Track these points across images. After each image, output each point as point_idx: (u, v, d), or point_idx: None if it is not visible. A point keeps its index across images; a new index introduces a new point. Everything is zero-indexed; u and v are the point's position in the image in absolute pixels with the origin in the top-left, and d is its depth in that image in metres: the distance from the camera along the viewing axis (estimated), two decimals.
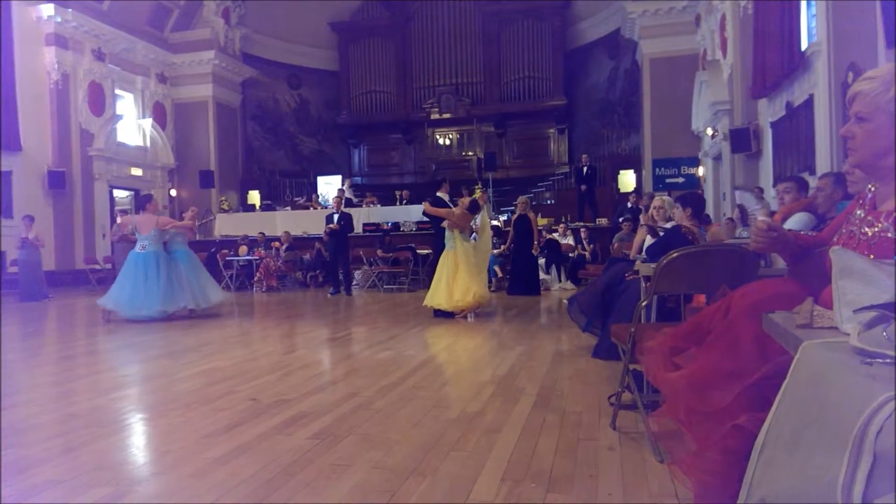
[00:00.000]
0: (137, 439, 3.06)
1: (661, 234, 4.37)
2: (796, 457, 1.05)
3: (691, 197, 4.27)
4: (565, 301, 6.96)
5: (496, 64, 21.51)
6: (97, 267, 15.08)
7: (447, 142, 22.25)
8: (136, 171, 17.67)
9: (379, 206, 16.04)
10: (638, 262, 3.56)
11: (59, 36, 15.04)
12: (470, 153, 21.70)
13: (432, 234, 8.47)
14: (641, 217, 7.29)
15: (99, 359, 5.43)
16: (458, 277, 7.29)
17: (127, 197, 17.74)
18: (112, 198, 16.64)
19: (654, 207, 4.90)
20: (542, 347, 5.21)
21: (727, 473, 1.52)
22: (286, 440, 2.83)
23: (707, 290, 2.86)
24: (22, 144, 14.06)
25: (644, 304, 2.86)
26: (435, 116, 21.81)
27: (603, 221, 14.32)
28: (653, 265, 2.77)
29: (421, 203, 15.37)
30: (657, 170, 15.99)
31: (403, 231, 13.63)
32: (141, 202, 8.27)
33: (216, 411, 3.36)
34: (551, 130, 21.60)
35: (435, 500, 2.15)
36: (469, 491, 2.22)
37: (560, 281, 11.42)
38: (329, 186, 19.09)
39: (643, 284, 3.21)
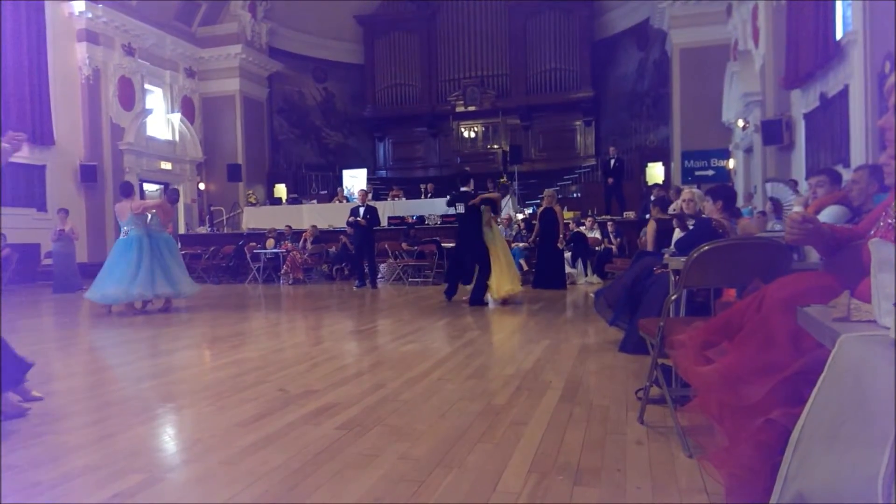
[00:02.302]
0: (170, 427, 3.12)
1: (691, 227, 4.31)
2: (834, 451, 1.03)
3: (722, 189, 4.20)
4: (592, 295, 6.92)
5: (522, 56, 21.38)
6: None
7: (472, 135, 22.21)
8: (166, 165, 17.96)
9: (404, 199, 16.08)
10: (667, 256, 3.52)
11: (91, 32, 15.32)
12: (495, 146, 21.63)
13: (455, 227, 8.48)
14: (652, 210, 7.19)
15: (130, 349, 5.54)
16: (507, 264, 8.09)
17: (157, 190, 18.04)
18: (143, 191, 16.93)
19: (684, 200, 4.83)
20: (568, 341, 5.18)
21: (759, 468, 1.50)
22: (314, 430, 2.87)
23: (738, 284, 2.81)
24: (55, 139, 14.38)
25: (673, 298, 2.83)
26: (460, 109, 21.78)
27: (630, 215, 14.15)
28: (682, 259, 2.74)
29: (445, 195, 15.46)
30: (686, 162, 15.75)
31: (428, 224, 13.64)
32: (122, 190, 8.23)
33: (246, 401, 3.41)
34: (578, 123, 21.43)
35: (462, 491, 2.16)
36: (496, 482, 2.22)
37: (586, 275, 11.34)
38: (354, 180, 19.20)
39: (672, 278, 3.17)
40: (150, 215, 8.01)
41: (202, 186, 19.06)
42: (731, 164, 15.13)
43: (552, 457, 2.46)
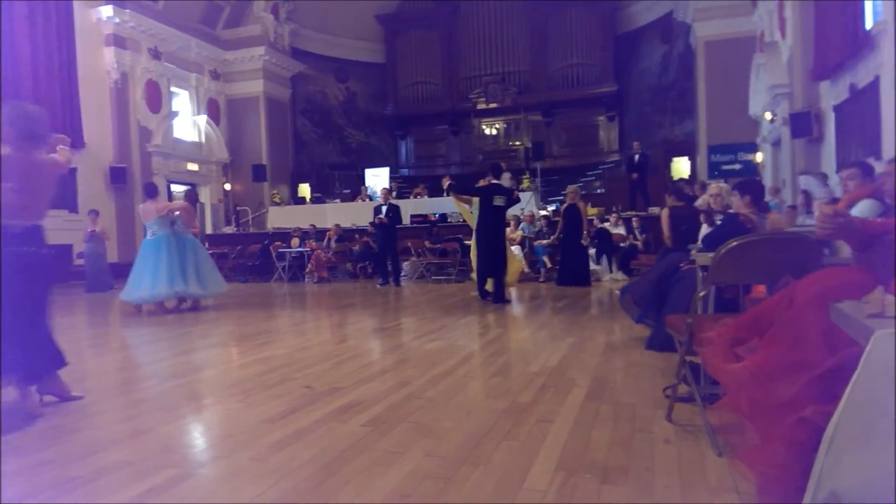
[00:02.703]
0: (199, 424, 3.17)
1: (719, 222, 4.25)
2: (869, 450, 1.01)
3: (750, 184, 4.13)
4: (617, 292, 6.86)
5: (543, 51, 21.25)
6: None
7: (494, 132, 22.15)
8: (193, 166, 18.22)
9: (427, 196, 16.11)
10: (694, 252, 3.48)
11: (118, 36, 15.60)
12: (517, 142, 21.56)
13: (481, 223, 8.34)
14: (667, 198, 7.11)
15: (161, 346, 5.64)
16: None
17: (183, 192, 18.30)
18: (170, 192, 17.21)
19: (711, 195, 4.76)
20: (593, 339, 5.15)
21: (792, 467, 1.48)
22: (341, 427, 2.89)
23: (768, 280, 2.77)
24: (85, 142, 14.67)
25: (702, 294, 2.79)
26: (481, 106, 21.73)
27: (655, 210, 14.00)
28: (710, 255, 2.71)
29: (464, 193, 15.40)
30: (712, 156, 15.56)
31: (451, 222, 13.65)
32: (147, 191, 8.37)
33: (273, 398, 3.46)
34: (601, 118, 21.24)
35: (489, 489, 2.16)
36: (522, 480, 2.22)
37: (611, 271, 11.25)
38: (377, 178, 19.28)
39: (699, 274, 3.14)
40: (175, 216, 8.14)
41: (228, 187, 19.30)
42: (759, 157, 14.89)
43: (579, 455, 2.46)
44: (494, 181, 8.19)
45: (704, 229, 4.76)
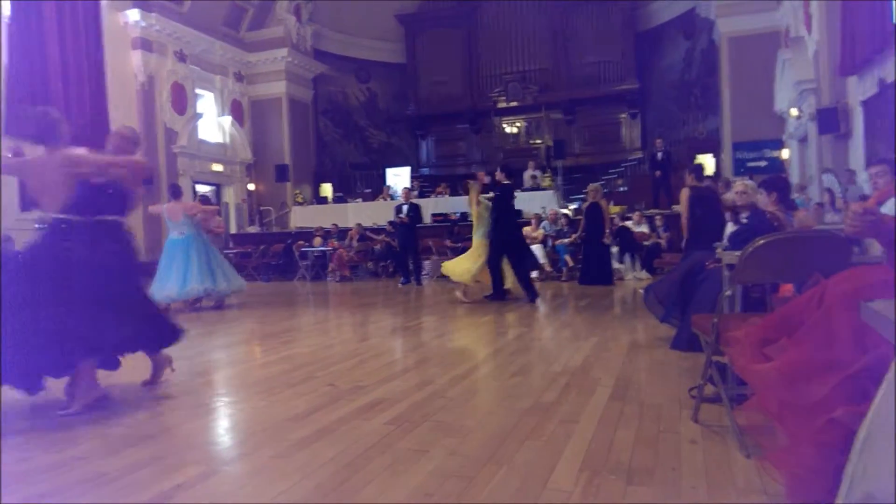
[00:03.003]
0: (225, 421, 3.21)
1: (745, 220, 4.19)
2: None
3: (776, 181, 4.08)
4: (640, 290, 6.80)
5: (564, 49, 21.11)
6: None
7: (514, 130, 22.07)
8: (217, 167, 18.43)
9: (448, 196, 16.12)
10: (720, 251, 3.44)
11: (145, 39, 15.84)
12: (538, 141, 21.45)
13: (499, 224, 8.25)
14: (687, 177, 7.02)
15: (186, 345, 5.68)
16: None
17: (207, 191, 18.51)
18: (195, 192, 17.41)
19: (737, 192, 4.69)
20: (616, 338, 5.11)
21: (822, 468, 1.46)
22: (364, 425, 2.91)
23: (796, 279, 2.73)
24: None
25: (728, 293, 2.76)
26: (502, 105, 21.66)
27: (678, 208, 13.84)
28: (737, 253, 2.67)
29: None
30: (738, 153, 15.33)
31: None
32: (173, 192, 8.52)
33: (297, 396, 3.49)
34: (623, 115, 21.03)
35: (512, 488, 2.16)
36: (546, 480, 2.21)
37: (634, 270, 11.16)
38: (398, 178, 19.33)
39: (725, 273, 3.10)
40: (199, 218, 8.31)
41: (251, 187, 19.50)
42: (785, 154, 14.65)
43: (603, 455, 2.44)
44: (506, 182, 8.25)
45: (730, 227, 4.70)
